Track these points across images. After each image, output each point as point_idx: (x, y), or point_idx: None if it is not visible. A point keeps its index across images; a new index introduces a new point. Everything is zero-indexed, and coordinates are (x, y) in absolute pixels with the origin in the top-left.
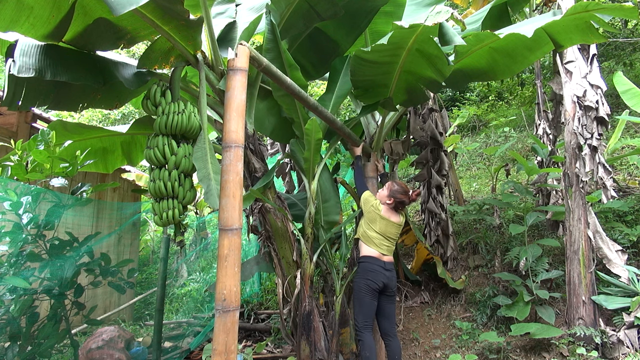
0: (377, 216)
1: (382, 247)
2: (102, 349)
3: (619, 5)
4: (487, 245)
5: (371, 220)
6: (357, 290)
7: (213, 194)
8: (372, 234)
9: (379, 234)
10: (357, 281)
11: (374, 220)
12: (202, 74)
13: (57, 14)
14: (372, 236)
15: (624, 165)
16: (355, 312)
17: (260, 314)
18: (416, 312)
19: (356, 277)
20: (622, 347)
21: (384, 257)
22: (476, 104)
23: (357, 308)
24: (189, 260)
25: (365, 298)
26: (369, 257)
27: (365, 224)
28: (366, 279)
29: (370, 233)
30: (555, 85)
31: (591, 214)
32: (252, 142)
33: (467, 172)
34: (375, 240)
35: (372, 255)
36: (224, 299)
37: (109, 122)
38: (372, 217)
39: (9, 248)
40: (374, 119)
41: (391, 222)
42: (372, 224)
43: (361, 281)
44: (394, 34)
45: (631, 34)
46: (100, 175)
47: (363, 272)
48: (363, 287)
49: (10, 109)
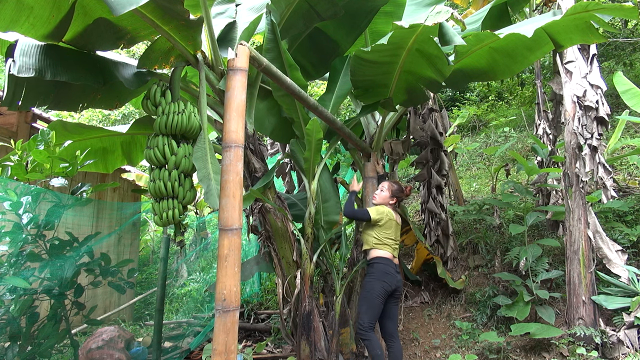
0: (393, 222)
1: (395, 250)
2: (102, 349)
3: (619, 5)
4: (487, 245)
5: (387, 227)
6: (370, 291)
7: (213, 194)
8: (387, 240)
9: (392, 239)
10: (370, 282)
11: (389, 227)
12: (202, 74)
13: (57, 14)
14: (387, 242)
15: (624, 165)
16: (361, 313)
17: (260, 314)
18: (416, 312)
19: (370, 278)
20: (622, 347)
21: (395, 259)
22: (476, 104)
23: (365, 309)
24: (189, 260)
25: (377, 300)
26: (384, 258)
27: (379, 233)
28: (382, 281)
29: (386, 240)
30: (555, 85)
31: (591, 214)
32: (252, 142)
33: (467, 172)
34: (391, 244)
35: (387, 257)
36: (224, 299)
37: (109, 122)
38: (389, 225)
39: (9, 248)
40: (374, 119)
41: (398, 223)
42: (388, 231)
43: (376, 283)
44: (394, 34)
45: (631, 34)
46: (100, 175)
47: (379, 274)
48: (377, 289)
49: (10, 109)
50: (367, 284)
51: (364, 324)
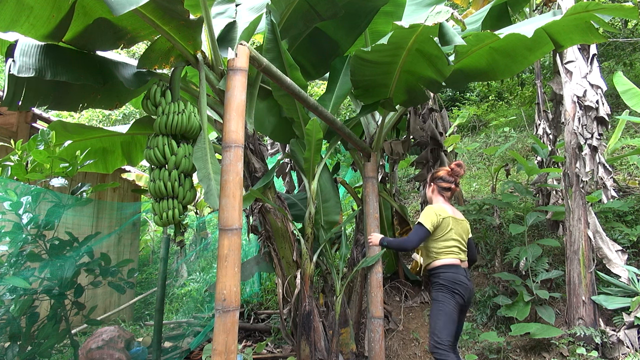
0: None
1: (461, 254)
2: (102, 349)
3: (619, 5)
4: (487, 245)
5: (445, 228)
6: (445, 304)
7: (213, 194)
8: (449, 242)
9: (455, 240)
10: (443, 295)
11: (447, 225)
12: (202, 74)
13: (57, 14)
14: (449, 246)
15: (624, 165)
16: (437, 329)
17: (260, 314)
18: (416, 312)
19: (441, 290)
20: (622, 347)
21: (463, 263)
22: (476, 104)
23: (441, 324)
24: (189, 260)
25: (453, 315)
26: (451, 265)
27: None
28: (454, 292)
29: (448, 243)
30: (555, 85)
31: (591, 214)
32: (252, 142)
33: (467, 172)
34: (453, 248)
35: (454, 263)
36: (224, 299)
37: (109, 122)
38: (446, 224)
39: (9, 248)
40: (374, 119)
41: (459, 220)
42: (447, 232)
43: (449, 295)
44: (394, 34)
45: (631, 34)
46: (100, 175)
47: (450, 284)
48: (452, 303)
49: (10, 109)
50: (439, 298)
51: (442, 342)
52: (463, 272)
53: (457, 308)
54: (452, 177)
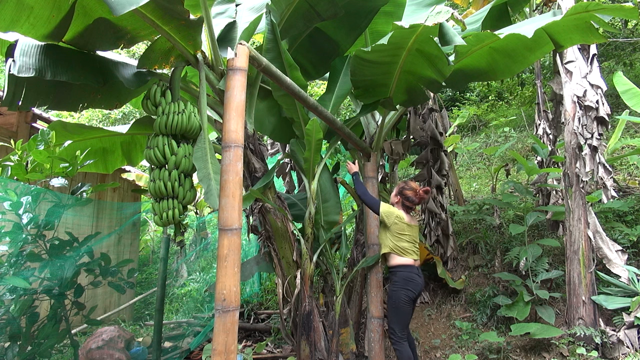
0: (405, 225)
1: (414, 254)
2: (102, 349)
3: (619, 6)
4: (487, 245)
5: (400, 231)
6: (396, 300)
7: (213, 194)
8: (404, 244)
9: (409, 242)
10: (395, 291)
11: (402, 230)
12: (202, 74)
13: (57, 14)
14: (404, 247)
15: (624, 165)
16: (392, 323)
17: (260, 314)
18: (416, 312)
19: (394, 286)
20: (622, 347)
21: (416, 262)
22: (476, 104)
23: (394, 317)
24: (189, 260)
25: (404, 307)
26: (405, 265)
27: (394, 237)
28: (406, 289)
29: (402, 244)
30: (555, 85)
31: (591, 214)
32: (252, 142)
33: (467, 172)
34: (408, 249)
35: (408, 263)
36: (223, 299)
37: (110, 122)
38: (401, 228)
39: (9, 248)
40: (374, 119)
41: (413, 226)
42: (402, 235)
43: (401, 291)
44: (394, 34)
45: (631, 34)
46: (100, 175)
47: (402, 282)
48: (403, 298)
49: (10, 109)
50: (393, 294)
51: (395, 334)
52: (416, 270)
53: (410, 303)
54: (417, 200)
